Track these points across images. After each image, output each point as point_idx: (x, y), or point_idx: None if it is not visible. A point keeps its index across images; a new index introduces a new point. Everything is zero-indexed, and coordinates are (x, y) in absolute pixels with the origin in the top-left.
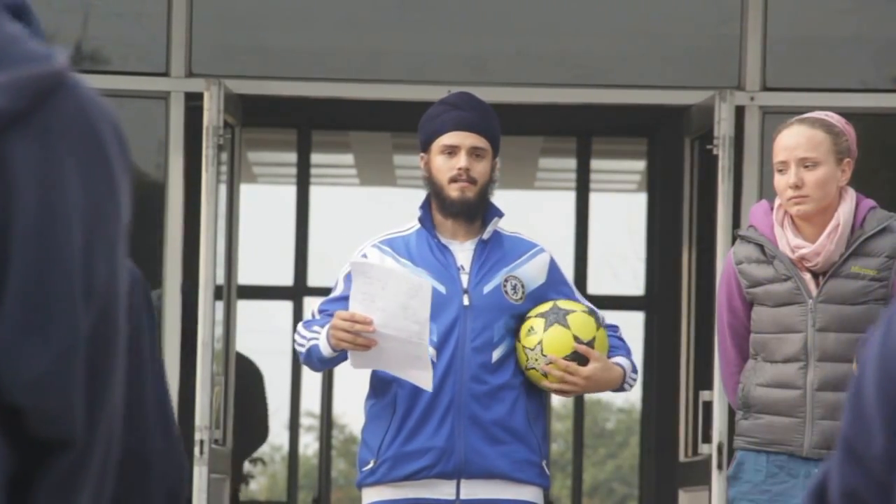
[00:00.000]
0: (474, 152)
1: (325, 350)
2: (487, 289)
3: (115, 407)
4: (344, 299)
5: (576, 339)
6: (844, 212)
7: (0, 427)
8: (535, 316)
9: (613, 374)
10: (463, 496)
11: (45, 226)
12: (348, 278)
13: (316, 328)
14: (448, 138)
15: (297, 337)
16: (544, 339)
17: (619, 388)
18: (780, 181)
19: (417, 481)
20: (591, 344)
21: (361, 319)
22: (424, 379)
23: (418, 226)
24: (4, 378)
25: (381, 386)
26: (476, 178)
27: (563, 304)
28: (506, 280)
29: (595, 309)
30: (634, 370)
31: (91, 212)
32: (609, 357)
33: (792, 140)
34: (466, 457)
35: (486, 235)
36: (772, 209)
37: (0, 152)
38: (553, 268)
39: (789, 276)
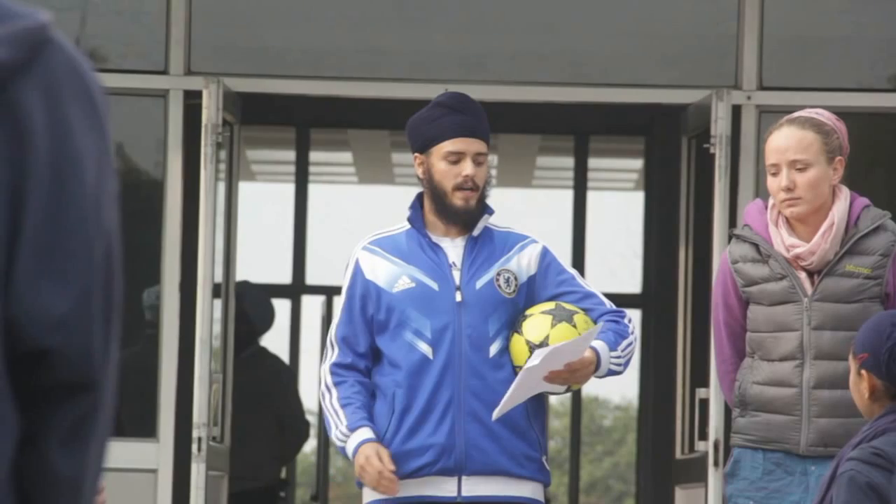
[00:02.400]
0: (477, 159)
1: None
2: (480, 284)
3: (117, 347)
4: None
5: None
6: (839, 210)
7: (12, 387)
8: (541, 312)
9: (587, 356)
10: (464, 493)
11: (60, 168)
12: (351, 296)
13: (345, 420)
14: (452, 144)
15: (323, 395)
16: (552, 334)
17: (602, 370)
18: (772, 183)
19: (419, 479)
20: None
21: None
22: None
23: (408, 225)
24: (30, 320)
25: (380, 384)
26: (479, 184)
27: (566, 305)
28: (498, 274)
29: (595, 293)
30: (614, 349)
31: (95, 154)
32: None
33: (782, 142)
34: (467, 453)
35: (476, 232)
36: (766, 208)
37: (13, 100)
38: (546, 257)
39: (785, 274)
